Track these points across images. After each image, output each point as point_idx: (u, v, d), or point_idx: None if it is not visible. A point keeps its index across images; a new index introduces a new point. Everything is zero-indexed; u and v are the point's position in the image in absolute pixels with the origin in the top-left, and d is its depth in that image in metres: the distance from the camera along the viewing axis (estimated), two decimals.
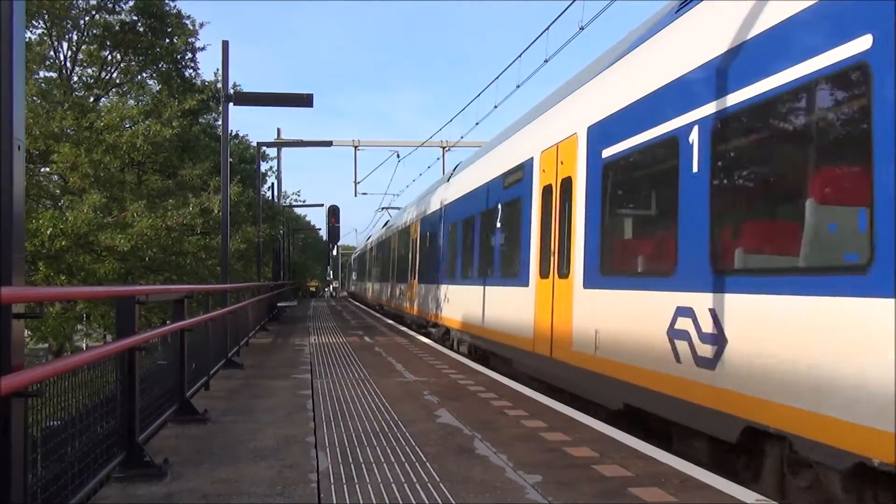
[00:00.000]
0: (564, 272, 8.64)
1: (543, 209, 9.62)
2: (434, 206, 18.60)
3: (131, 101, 19.86)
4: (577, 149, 8.54)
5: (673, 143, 6.34)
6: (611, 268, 7.63)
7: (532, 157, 10.25)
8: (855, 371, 4.21)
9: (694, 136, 6.02)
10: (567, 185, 8.74)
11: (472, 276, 13.54)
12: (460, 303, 14.39)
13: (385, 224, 32.04)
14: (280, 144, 30.61)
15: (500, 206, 11.89)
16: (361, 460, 5.33)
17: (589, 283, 7.95)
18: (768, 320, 4.97)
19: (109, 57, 20.50)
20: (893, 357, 3.96)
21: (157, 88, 20.67)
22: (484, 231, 12.96)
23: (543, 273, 9.42)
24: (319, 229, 68.10)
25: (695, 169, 5.97)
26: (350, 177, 30.05)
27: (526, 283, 10.05)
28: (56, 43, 19.20)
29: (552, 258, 9.14)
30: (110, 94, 20.87)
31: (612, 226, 7.79)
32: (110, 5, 19.61)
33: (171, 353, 6.79)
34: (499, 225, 11.91)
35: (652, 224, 7.27)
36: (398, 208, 24.28)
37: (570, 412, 7.33)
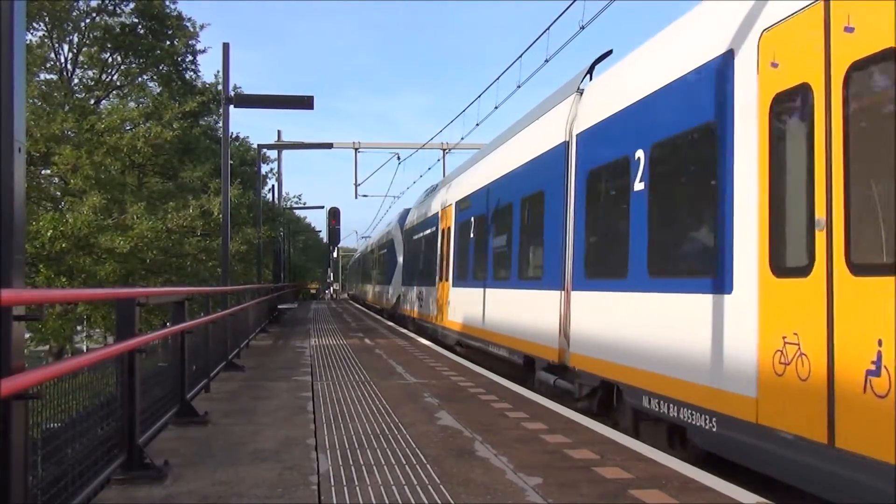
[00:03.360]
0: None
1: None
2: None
3: (132, 104, 19.89)
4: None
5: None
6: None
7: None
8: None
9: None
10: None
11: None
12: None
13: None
14: (280, 146, 30.62)
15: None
16: (362, 462, 5.33)
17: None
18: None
19: (110, 59, 20.50)
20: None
21: (158, 91, 20.69)
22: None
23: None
24: (320, 231, 68.13)
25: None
26: (350, 179, 30.02)
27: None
28: (57, 45, 19.21)
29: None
30: (111, 96, 20.89)
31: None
32: (111, 8, 19.64)
33: (172, 356, 6.79)
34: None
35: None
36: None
37: (570, 414, 7.33)
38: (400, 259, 25.32)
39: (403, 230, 24.88)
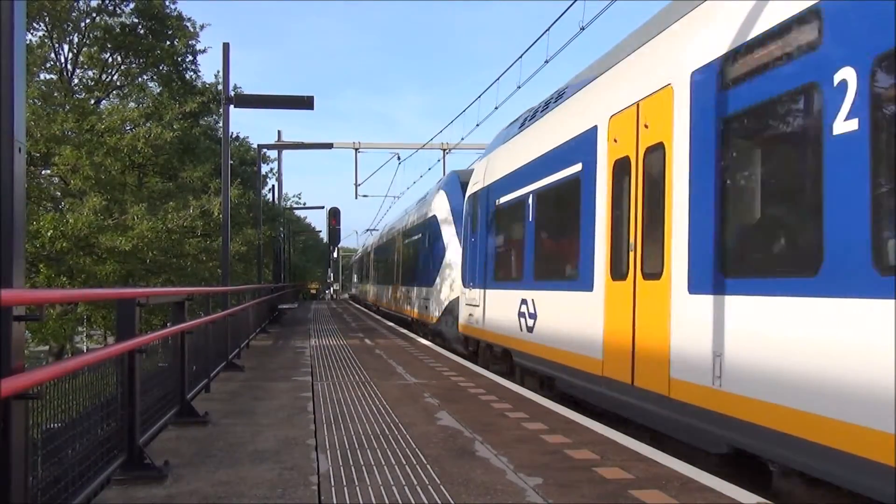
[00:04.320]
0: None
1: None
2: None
3: (132, 104, 19.88)
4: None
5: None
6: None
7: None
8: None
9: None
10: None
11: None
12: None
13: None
14: (281, 147, 30.61)
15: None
16: (362, 462, 5.33)
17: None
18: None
19: (110, 59, 20.49)
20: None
21: (158, 91, 20.68)
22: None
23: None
24: (320, 231, 68.14)
25: None
26: (351, 179, 30.09)
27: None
28: (57, 45, 19.18)
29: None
30: (111, 96, 20.89)
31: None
32: (111, 8, 19.63)
33: (172, 356, 6.78)
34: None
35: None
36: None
37: (570, 414, 7.33)
38: (450, 245, 17.42)
39: (475, 195, 13.67)
